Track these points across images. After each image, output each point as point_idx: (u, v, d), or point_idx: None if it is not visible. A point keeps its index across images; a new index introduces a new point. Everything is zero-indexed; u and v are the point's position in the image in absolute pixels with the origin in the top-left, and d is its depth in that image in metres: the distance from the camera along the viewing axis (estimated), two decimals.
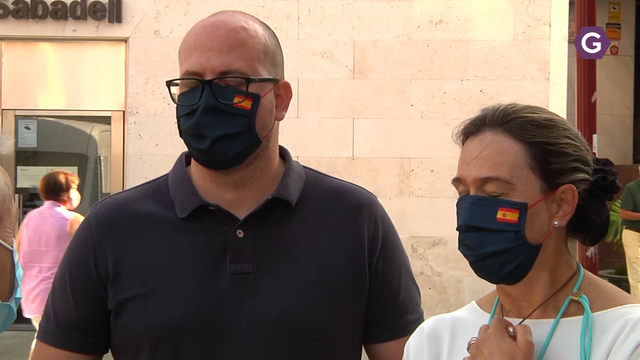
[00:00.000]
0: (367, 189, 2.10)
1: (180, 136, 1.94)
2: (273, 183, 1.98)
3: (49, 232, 7.26)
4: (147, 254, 1.94)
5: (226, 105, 1.86)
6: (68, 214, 7.34)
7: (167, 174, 2.04)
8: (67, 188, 7.39)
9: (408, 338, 1.89)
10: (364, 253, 1.98)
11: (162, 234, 1.95)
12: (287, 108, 2.00)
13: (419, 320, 2.02)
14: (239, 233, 1.93)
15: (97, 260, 1.96)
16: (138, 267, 1.93)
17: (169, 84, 1.93)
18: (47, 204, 7.38)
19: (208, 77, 1.86)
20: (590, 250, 6.45)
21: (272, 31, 1.99)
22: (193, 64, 1.88)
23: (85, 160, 10.82)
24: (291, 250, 1.95)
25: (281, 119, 1.98)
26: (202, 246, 1.93)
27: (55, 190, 7.35)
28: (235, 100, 1.87)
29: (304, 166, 2.07)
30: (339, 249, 1.97)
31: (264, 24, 1.98)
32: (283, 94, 1.97)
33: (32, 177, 10.36)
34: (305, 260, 1.94)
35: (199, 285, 1.91)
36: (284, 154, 2.05)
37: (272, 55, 1.94)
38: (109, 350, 2.02)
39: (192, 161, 1.99)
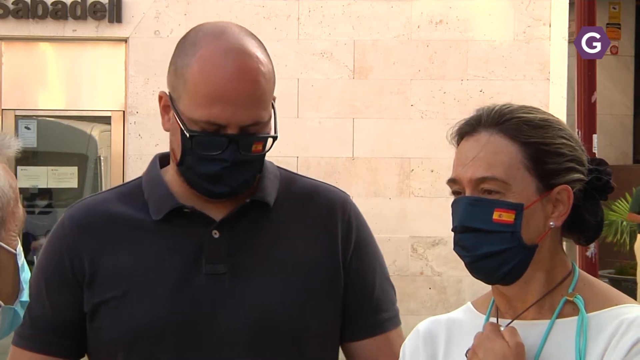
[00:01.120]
0: (341, 189, 2.09)
1: (179, 165, 1.91)
2: None
3: None
4: (123, 256, 1.92)
5: (248, 156, 1.87)
6: None
7: (140, 177, 2.02)
8: None
9: (384, 336, 1.91)
10: (338, 252, 1.98)
11: (137, 236, 1.94)
12: None
13: (395, 318, 2.03)
14: (215, 234, 1.92)
15: (73, 262, 1.94)
16: (113, 269, 1.92)
17: (191, 134, 1.86)
18: None
19: (231, 130, 1.84)
20: (590, 250, 6.44)
21: (264, 47, 1.93)
22: (217, 117, 1.84)
23: (85, 160, 10.81)
24: (268, 251, 1.94)
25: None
26: (178, 248, 1.92)
27: None
28: (254, 147, 1.88)
29: (277, 166, 2.06)
30: (314, 249, 1.96)
31: (262, 45, 1.93)
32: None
33: (32, 177, 10.35)
34: (282, 261, 1.94)
35: (175, 287, 1.90)
36: None
37: (274, 82, 1.92)
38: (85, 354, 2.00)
39: (171, 164, 1.97)
